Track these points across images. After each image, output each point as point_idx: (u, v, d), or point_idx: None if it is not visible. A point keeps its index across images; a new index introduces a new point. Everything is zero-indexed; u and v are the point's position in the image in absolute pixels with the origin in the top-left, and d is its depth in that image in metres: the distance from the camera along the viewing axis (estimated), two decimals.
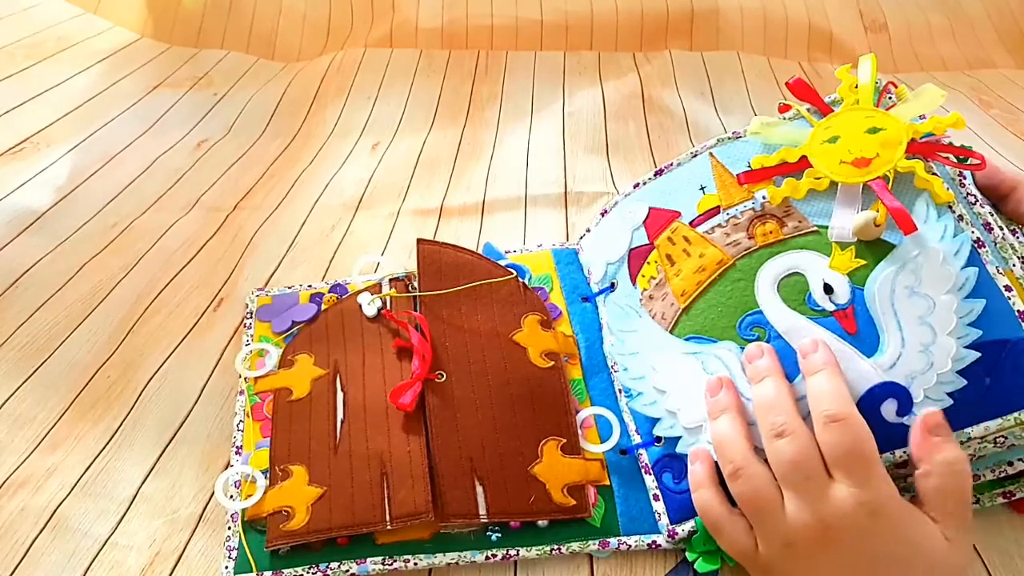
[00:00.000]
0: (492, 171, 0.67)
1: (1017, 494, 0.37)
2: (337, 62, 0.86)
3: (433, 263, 0.50)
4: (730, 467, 0.35)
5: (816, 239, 0.39)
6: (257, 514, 0.40)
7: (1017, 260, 0.36)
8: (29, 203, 0.61)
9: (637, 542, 0.38)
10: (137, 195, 0.65)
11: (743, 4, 0.88)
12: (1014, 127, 0.72)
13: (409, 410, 0.42)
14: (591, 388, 0.45)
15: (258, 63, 0.88)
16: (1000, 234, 0.36)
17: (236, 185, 0.67)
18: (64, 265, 0.57)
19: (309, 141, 0.74)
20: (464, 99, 0.80)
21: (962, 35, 0.88)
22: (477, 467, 0.40)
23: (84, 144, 0.69)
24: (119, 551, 0.39)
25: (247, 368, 0.47)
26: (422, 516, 0.38)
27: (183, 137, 0.73)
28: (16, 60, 0.80)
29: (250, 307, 0.52)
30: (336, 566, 0.38)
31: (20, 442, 0.45)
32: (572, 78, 0.82)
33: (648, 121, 0.74)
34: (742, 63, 0.84)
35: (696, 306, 0.41)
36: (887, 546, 0.31)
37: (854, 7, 0.89)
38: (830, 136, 0.40)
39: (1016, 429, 0.33)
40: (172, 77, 0.83)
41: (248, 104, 0.80)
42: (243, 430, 0.44)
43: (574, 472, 0.40)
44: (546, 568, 0.38)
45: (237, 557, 0.39)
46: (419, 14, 0.90)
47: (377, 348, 0.47)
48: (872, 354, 0.35)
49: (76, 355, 0.50)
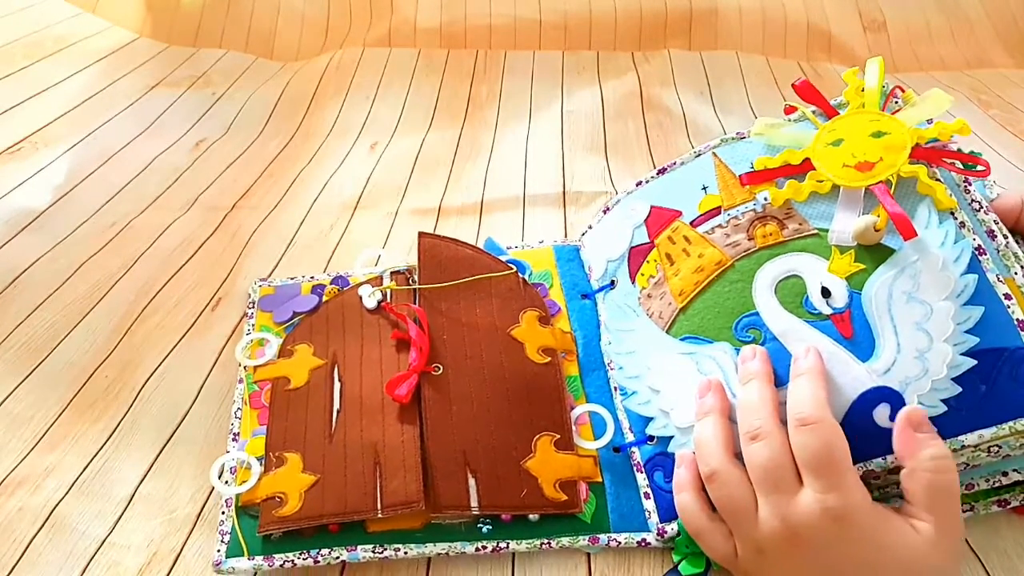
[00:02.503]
0: (491, 171, 0.67)
1: (1012, 502, 0.37)
2: (336, 61, 0.86)
3: (433, 256, 0.50)
4: (707, 470, 0.35)
5: (816, 242, 0.39)
6: (251, 500, 0.40)
7: (1020, 268, 0.35)
8: (27, 202, 0.61)
9: (627, 539, 0.38)
10: (135, 194, 0.65)
11: (742, 4, 0.88)
12: (1013, 127, 0.72)
13: (405, 402, 0.42)
14: (587, 385, 0.45)
15: (256, 62, 0.88)
16: (1004, 241, 0.36)
17: (234, 184, 0.67)
18: (62, 264, 0.57)
19: (308, 140, 0.74)
20: (463, 99, 0.80)
21: (961, 35, 0.88)
22: (470, 459, 0.40)
23: (82, 143, 0.69)
24: (117, 551, 0.39)
25: (247, 357, 0.47)
26: (413, 505, 0.38)
27: (181, 136, 0.73)
28: (14, 59, 0.79)
29: (252, 297, 0.52)
30: (327, 552, 0.38)
31: (18, 441, 0.45)
32: (571, 78, 0.82)
33: (647, 121, 0.74)
34: (741, 63, 0.84)
35: (693, 306, 0.41)
36: (855, 551, 0.31)
37: (853, 7, 0.89)
38: (834, 139, 0.40)
39: (1011, 439, 0.33)
40: (170, 76, 0.83)
41: (246, 103, 0.80)
42: (240, 417, 0.45)
43: (567, 468, 0.40)
44: (544, 566, 0.38)
45: (229, 541, 0.39)
46: (418, 14, 0.90)
47: (376, 340, 0.47)
48: (867, 359, 0.35)
49: (74, 354, 0.50)
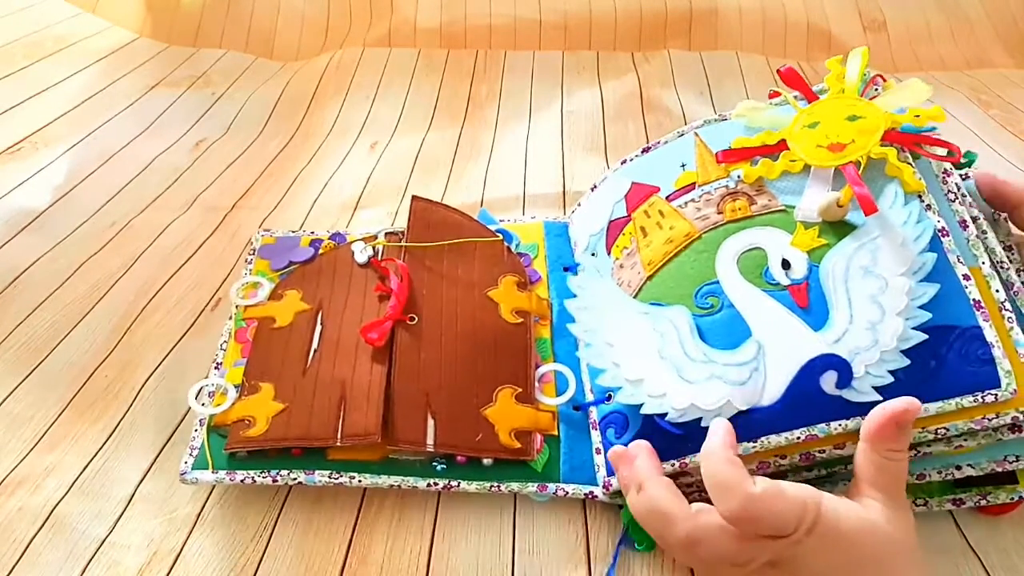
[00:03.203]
0: (490, 170, 0.67)
1: (967, 503, 0.37)
2: (336, 61, 0.86)
3: (423, 218, 0.53)
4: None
5: (782, 217, 0.40)
6: (223, 421, 0.43)
7: (988, 258, 0.36)
8: (27, 202, 0.61)
9: (575, 490, 0.40)
10: (135, 194, 0.65)
11: (742, 4, 0.88)
12: (1013, 126, 0.72)
13: (377, 345, 0.44)
14: (557, 348, 0.47)
15: (256, 62, 0.88)
16: (974, 232, 0.37)
17: (234, 184, 0.67)
18: (62, 264, 0.57)
19: (307, 140, 0.74)
20: (463, 99, 0.80)
21: (961, 35, 0.88)
22: (432, 401, 0.42)
23: (82, 143, 0.69)
24: (117, 551, 0.39)
25: (240, 297, 0.50)
26: (370, 437, 0.40)
27: (181, 136, 0.73)
28: (14, 59, 0.79)
29: (254, 244, 0.56)
30: (286, 473, 0.40)
31: (18, 441, 0.45)
32: (571, 78, 0.82)
33: (647, 121, 0.74)
34: (741, 63, 0.84)
35: (659, 275, 0.42)
36: (827, 560, 0.30)
37: (853, 7, 0.89)
38: (811, 121, 0.41)
39: (959, 422, 0.33)
40: (170, 76, 0.83)
41: (246, 103, 0.80)
42: (225, 349, 0.48)
43: (524, 419, 0.42)
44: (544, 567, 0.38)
45: (197, 455, 0.42)
46: (418, 13, 0.90)
47: (361, 291, 0.50)
48: (820, 328, 0.36)
49: (74, 354, 0.50)
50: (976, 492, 0.37)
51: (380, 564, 0.39)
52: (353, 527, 0.40)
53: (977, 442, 0.34)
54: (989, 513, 0.39)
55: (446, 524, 0.40)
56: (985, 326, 0.34)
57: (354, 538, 0.40)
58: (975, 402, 0.32)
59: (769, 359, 0.36)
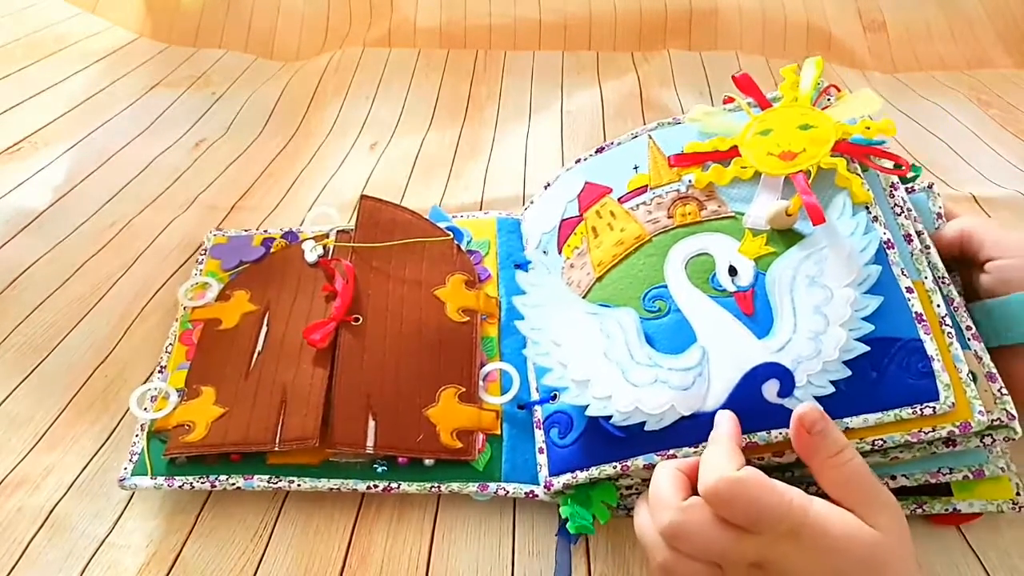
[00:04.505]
0: (490, 170, 0.67)
1: (930, 510, 0.37)
2: (335, 61, 0.86)
3: (372, 217, 0.53)
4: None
5: (731, 224, 0.40)
6: (164, 426, 0.43)
7: (930, 273, 0.36)
8: (27, 203, 0.61)
9: (515, 489, 0.40)
10: (135, 195, 0.65)
11: (742, 4, 0.88)
12: (1013, 126, 0.72)
13: (320, 346, 0.44)
14: (504, 347, 0.47)
15: (256, 62, 0.88)
16: (918, 246, 0.37)
17: (234, 184, 0.67)
18: (62, 265, 0.57)
19: (307, 140, 0.74)
20: (462, 99, 0.80)
21: (961, 35, 0.88)
22: (373, 403, 0.42)
23: (82, 144, 0.69)
24: (116, 551, 0.39)
25: (188, 299, 0.50)
26: (308, 441, 0.40)
27: (181, 136, 0.73)
28: (14, 59, 0.79)
29: (206, 244, 0.56)
30: (224, 478, 0.40)
31: (17, 442, 0.45)
32: (570, 78, 0.82)
33: (647, 121, 0.74)
34: (740, 63, 0.84)
35: (608, 276, 0.42)
36: (815, 566, 0.30)
37: (853, 7, 0.89)
38: (763, 129, 0.42)
39: (896, 435, 0.33)
40: (170, 76, 0.83)
41: (246, 103, 0.80)
42: (170, 352, 0.48)
43: (467, 418, 0.42)
44: (544, 568, 0.38)
45: (137, 461, 0.42)
46: (417, 14, 0.90)
47: (309, 292, 0.49)
48: (764, 336, 0.36)
49: (73, 355, 0.50)
50: (912, 501, 0.37)
51: (380, 564, 0.39)
52: (353, 527, 0.40)
53: (912, 455, 0.34)
54: (950, 523, 0.39)
55: (446, 524, 0.40)
56: (926, 339, 0.34)
57: (353, 538, 0.40)
58: (913, 414, 0.33)
59: (713, 365, 0.36)
